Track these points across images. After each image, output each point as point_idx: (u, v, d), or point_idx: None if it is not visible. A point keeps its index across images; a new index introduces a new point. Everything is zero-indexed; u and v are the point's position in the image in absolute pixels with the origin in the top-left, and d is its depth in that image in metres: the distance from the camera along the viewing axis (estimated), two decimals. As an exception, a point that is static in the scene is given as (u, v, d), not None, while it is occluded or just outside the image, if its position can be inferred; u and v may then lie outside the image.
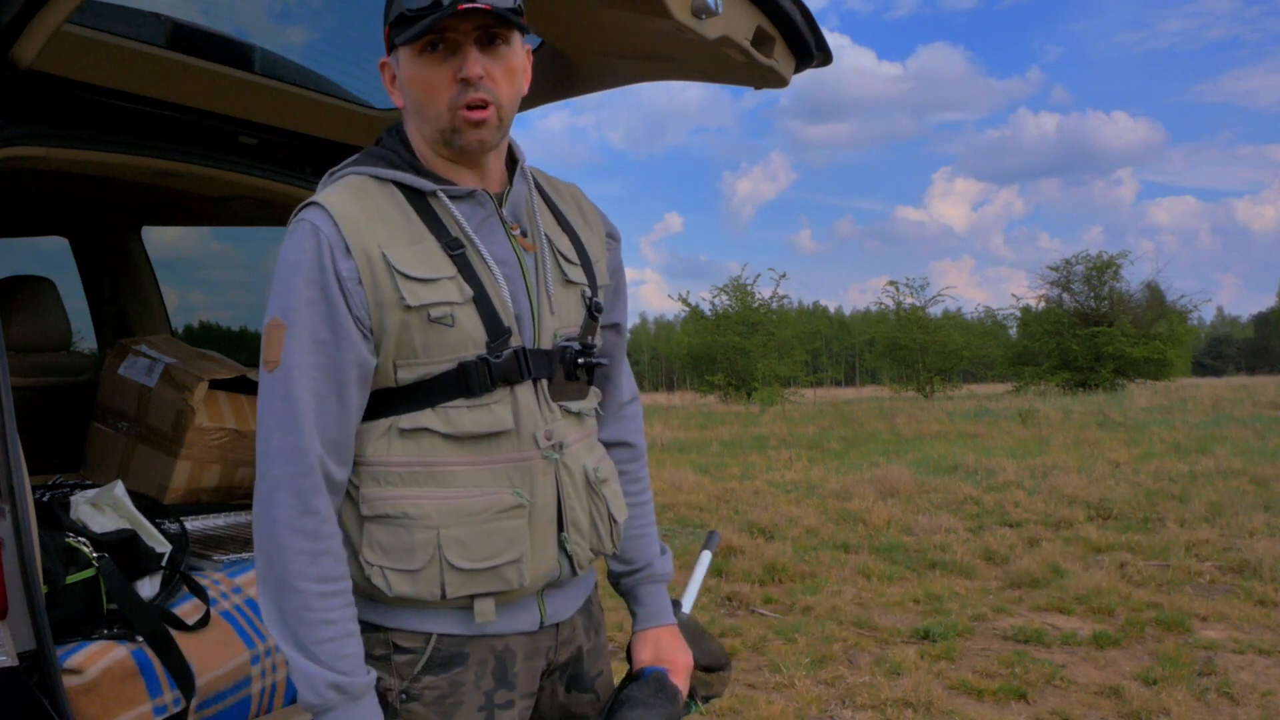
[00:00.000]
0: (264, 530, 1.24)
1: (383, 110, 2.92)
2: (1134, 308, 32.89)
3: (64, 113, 2.36)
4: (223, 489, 3.22)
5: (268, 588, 1.25)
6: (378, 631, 1.33)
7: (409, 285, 1.29)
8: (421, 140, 1.39)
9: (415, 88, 1.35)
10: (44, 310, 3.49)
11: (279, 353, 1.26)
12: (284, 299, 1.28)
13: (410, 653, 1.33)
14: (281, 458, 1.24)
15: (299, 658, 1.23)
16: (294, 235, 1.31)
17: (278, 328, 1.27)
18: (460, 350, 1.32)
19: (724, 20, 1.91)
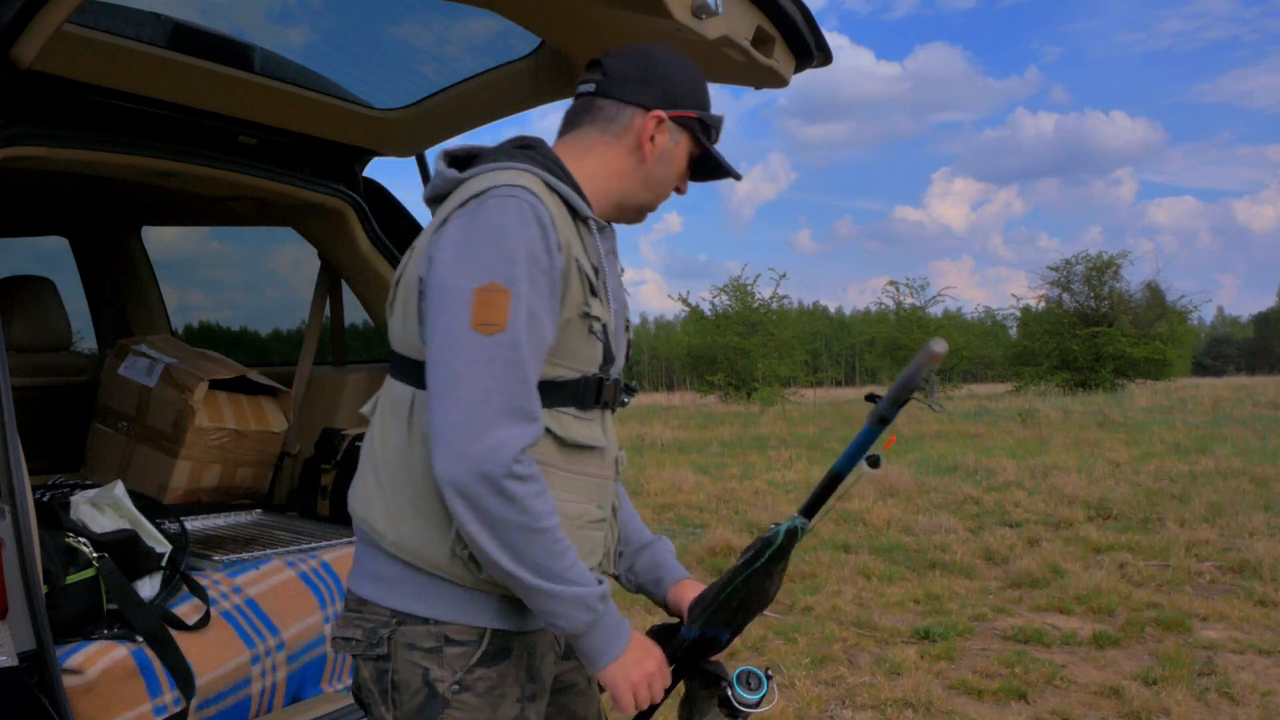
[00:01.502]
0: (487, 488, 1.25)
1: (383, 110, 2.93)
2: (1134, 308, 32.89)
3: (64, 113, 2.36)
4: (223, 489, 3.22)
5: (503, 538, 1.27)
6: (426, 624, 1.37)
7: (585, 287, 1.38)
8: (604, 179, 1.50)
9: (667, 168, 1.52)
10: (44, 310, 3.49)
11: (503, 316, 1.28)
12: (506, 266, 1.29)
13: (462, 645, 1.37)
14: (504, 419, 1.27)
15: (560, 587, 1.30)
16: (510, 209, 1.32)
17: (499, 292, 1.28)
18: (587, 365, 1.42)
19: (724, 20, 1.91)
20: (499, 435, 1.26)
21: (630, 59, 1.53)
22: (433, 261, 1.33)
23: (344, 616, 1.46)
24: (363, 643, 1.41)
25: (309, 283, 3.56)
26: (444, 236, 1.34)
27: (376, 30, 2.72)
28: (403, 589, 1.38)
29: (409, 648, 1.36)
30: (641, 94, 1.49)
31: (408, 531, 1.36)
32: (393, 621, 1.38)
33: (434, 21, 2.62)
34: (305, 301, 3.58)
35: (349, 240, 3.14)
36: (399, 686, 1.38)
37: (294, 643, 2.31)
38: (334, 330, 3.56)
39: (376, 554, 1.41)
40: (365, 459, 1.44)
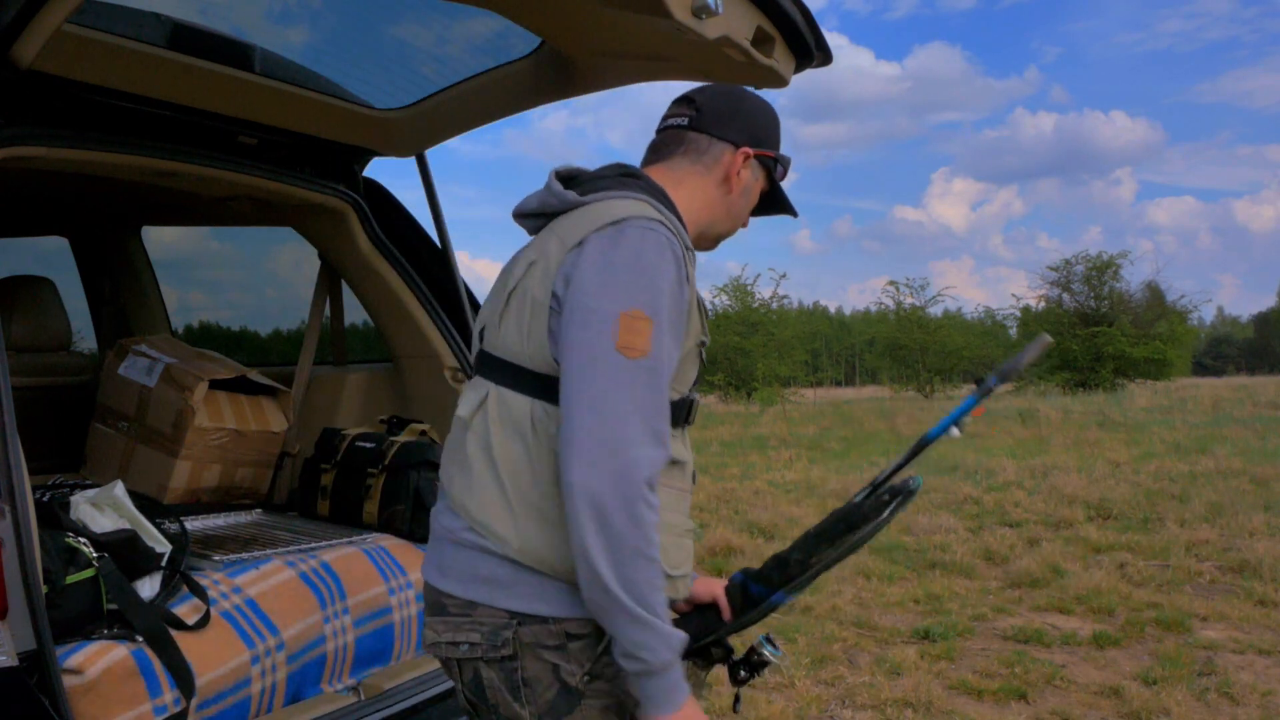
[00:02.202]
0: (619, 503, 1.31)
1: (383, 110, 2.93)
2: (1134, 308, 32.87)
3: (64, 113, 2.36)
4: (223, 489, 3.22)
5: (617, 557, 1.32)
6: (546, 623, 1.43)
7: (700, 314, 1.51)
8: (696, 209, 1.62)
9: (747, 202, 1.68)
10: (44, 310, 3.49)
11: (647, 342, 1.36)
12: (650, 295, 1.38)
13: (583, 639, 1.43)
14: (643, 439, 1.33)
15: (655, 621, 1.34)
16: (650, 241, 1.42)
17: (644, 320, 1.37)
18: (687, 386, 1.53)
19: (724, 20, 1.91)
20: (637, 454, 1.33)
21: (722, 97, 1.67)
22: (571, 282, 1.40)
23: (447, 621, 1.49)
24: (483, 645, 1.45)
25: (309, 283, 3.56)
26: (584, 259, 1.41)
27: (376, 30, 2.72)
28: (520, 591, 1.43)
29: (535, 646, 1.43)
30: (731, 131, 1.63)
31: (533, 538, 1.42)
32: (513, 623, 1.43)
33: (434, 21, 2.62)
34: (305, 301, 3.58)
35: (349, 240, 3.14)
36: (530, 683, 1.43)
37: (294, 643, 2.31)
38: (334, 330, 3.56)
39: (486, 558, 1.45)
40: (480, 464, 1.47)
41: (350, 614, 2.48)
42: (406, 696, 2.42)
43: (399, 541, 2.80)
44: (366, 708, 2.34)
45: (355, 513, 2.96)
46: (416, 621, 2.68)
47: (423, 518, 2.87)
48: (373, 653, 2.54)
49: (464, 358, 3.11)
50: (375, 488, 2.92)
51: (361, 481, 2.96)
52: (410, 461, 2.88)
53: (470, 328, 3.15)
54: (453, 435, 1.57)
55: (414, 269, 3.18)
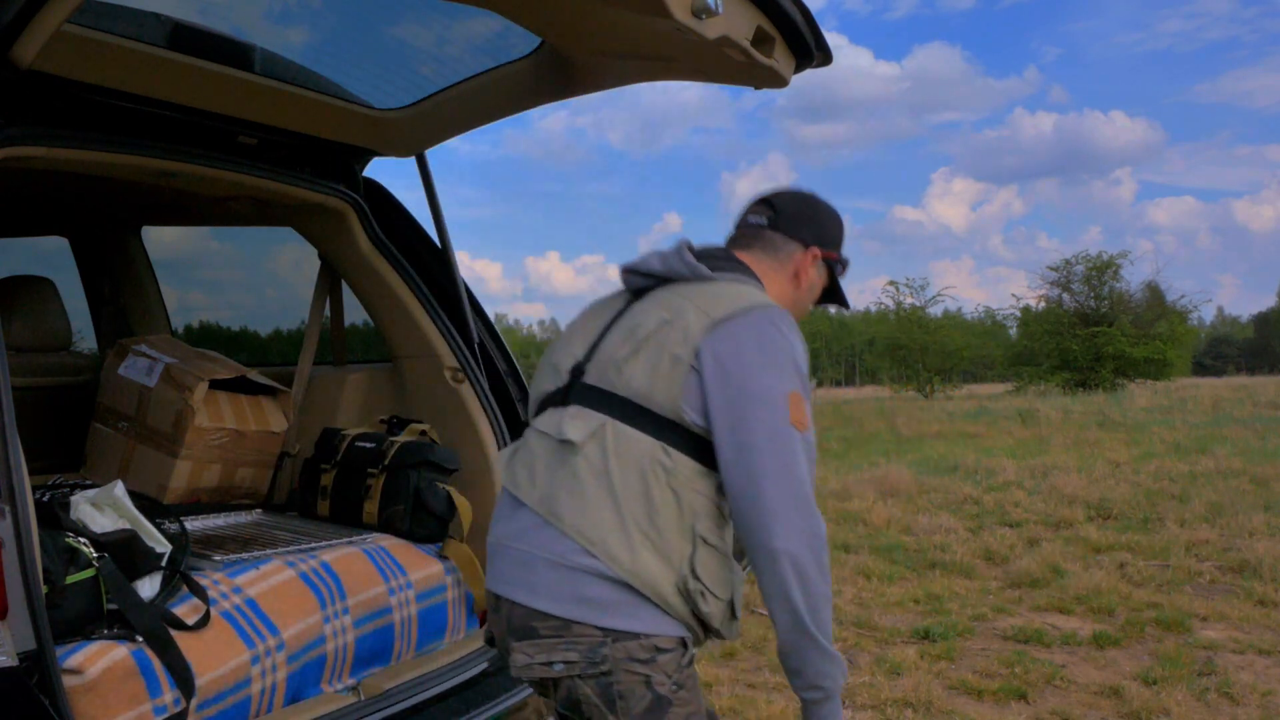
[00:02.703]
0: (814, 560, 1.58)
1: (383, 110, 2.93)
2: (1134, 308, 32.86)
3: (64, 113, 2.36)
4: (223, 489, 3.22)
5: (812, 604, 1.58)
6: (637, 639, 1.58)
7: None
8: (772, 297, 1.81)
9: (811, 296, 1.93)
10: (44, 310, 3.49)
11: (806, 420, 1.63)
12: (801, 378, 1.65)
13: (670, 652, 1.60)
14: (812, 500, 1.61)
15: (835, 652, 1.62)
16: (793, 332, 1.70)
17: (801, 400, 1.63)
18: None
19: (724, 20, 1.91)
20: (818, 516, 1.60)
21: (797, 202, 1.91)
22: (729, 360, 1.61)
23: (539, 643, 1.61)
24: (581, 663, 1.59)
25: (309, 283, 3.56)
26: (742, 342, 1.63)
27: (376, 30, 2.72)
28: (619, 611, 1.58)
29: (627, 660, 1.57)
30: (804, 232, 1.87)
31: (647, 565, 1.58)
32: (608, 640, 1.58)
33: (434, 21, 2.62)
34: (305, 301, 3.58)
35: (349, 240, 3.14)
36: (624, 695, 1.58)
37: (294, 643, 2.31)
38: (334, 330, 3.56)
39: (593, 580, 1.58)
40: (596, 492, 1.61)
41: (350, 614, 2.48)
42: (406, 696, 2.42)
43: (399, 541, 2.80)
44: (366, 708, 2.34)
45: (355, 513, 2.96)
46: (417, 621, 2.68)
47: (423, 517, 2.87)
48: (373, 653, 2.54)
49: (464, 358, 3.10)
50: (375, 488, 2.92)
51: (361, 481, 2.96)
52: (410, 461, 2.88)
53: (470, 328, 3.15)
54: (555, 457, 1.68)
55: (414, 269, 3.18)
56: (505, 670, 2.64)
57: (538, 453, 1.72)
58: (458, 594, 2.83)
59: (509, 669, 1.67)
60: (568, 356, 1.79)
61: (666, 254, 1.79)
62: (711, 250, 1.85)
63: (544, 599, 1.61)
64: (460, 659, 2.64)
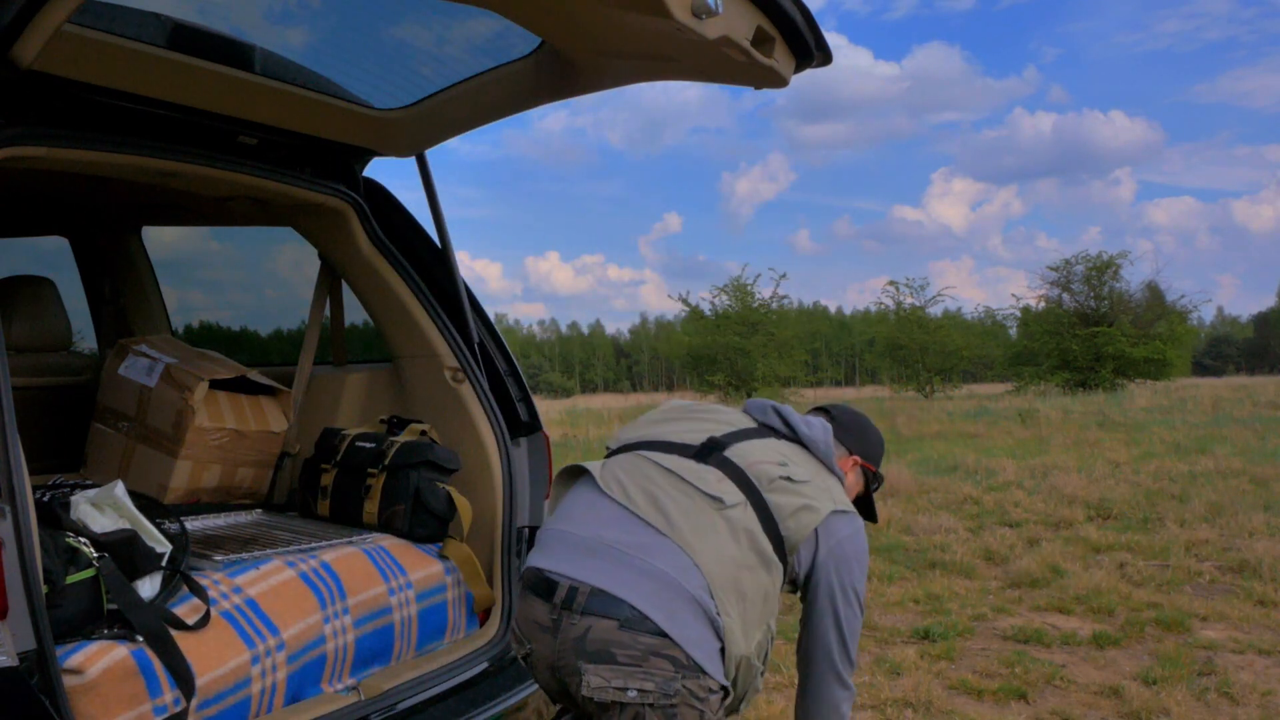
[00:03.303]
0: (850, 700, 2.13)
1: (383, 110, 2.93)
2: (1134, 308, 32.85)
3: (64, 113, 2.36)
4: (223, 489, 3.22)
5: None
6: (699, 678, 1.80)
7: None
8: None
9: None
10: (44, 310, 3.49)
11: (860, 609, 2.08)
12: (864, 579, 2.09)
13: (718, 694, 1.85)
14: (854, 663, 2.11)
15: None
16: (864, 534, 2.09)
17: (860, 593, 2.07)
18: None
19: (724, 20, 1.91)
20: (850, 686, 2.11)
21: (851, 415, 2.30)
22: (841, 539, 2.01)
23: (616, 669, 1.79)
24: (655, 693, 1.78)
25: (309, 283, 3.56)
26: (843, 534, 2.02)
27: (376, 30, 2.72)
28: (702, 648, 1.81)
29: (691, 695, 1.79)
30: (850, 441, 2.26)
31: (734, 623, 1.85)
32: (678, 675, 1.78)
33: (434, 21, 2.62)
34: (305, 301, 3.58)
35: (349, 240, 3.14)
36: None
37: (294, 643, 2.31)
38: (334, 330, 3.56)
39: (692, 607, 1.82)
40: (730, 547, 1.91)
41: (350, 614, 2.48)
42: (406, 696, 2.42)
43: (399, 541, 2.80)
44: (366, 708, 2.34)
45: (355, 513, 2.96)
46: (417, 621, 2.68)
47: (423, 518, 2.87)
48: (373, 653, 2.54)
49: (464, 358, 3.10)
50: (375, 488, 2.92)
51: (361, 481, 2.96)
52: (410, 461, 2.88)
53: (470, 328, 3.14)
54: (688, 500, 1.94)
55: (414, 269, 3.18)
56: (505, 670, 2.66)
57: (660, 483, 1.98)
58: (458, 594, 2.82)
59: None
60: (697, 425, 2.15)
61: (812, 423, 2.17)
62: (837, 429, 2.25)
63: (650, 607, 1.80)
64: (460, 659, 2.64)
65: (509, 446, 3.00)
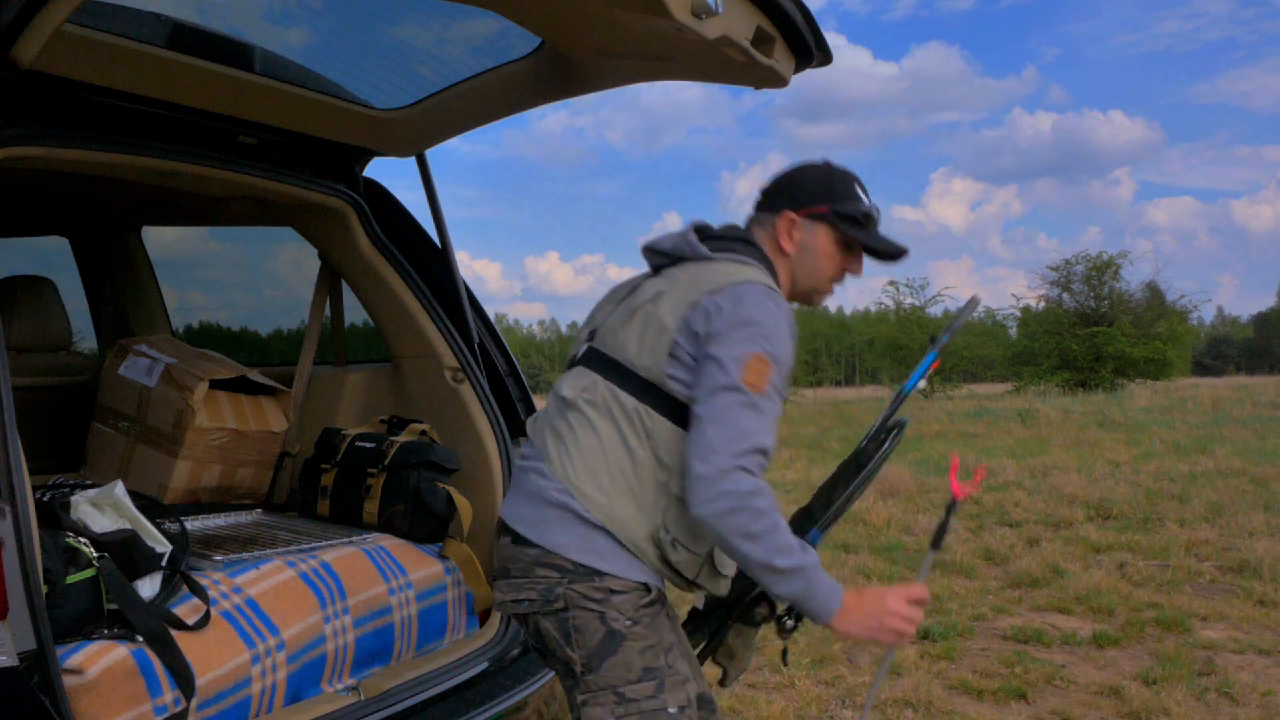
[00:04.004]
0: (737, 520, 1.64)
1: (383, 110, 2.93)
2: (1134, 308, 32.84)
3: (64, 113, 2.36)
4: (223, 489, 3.22)
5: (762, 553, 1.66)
6: (593, 579, 1.75)
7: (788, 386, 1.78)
8: (785, 277, 1.93)
9: (822, 260, 1.91)
10: (44, 310, 3.48)
11: (766, 382, 1.69)
12: (772, 345, 1.71)
13: (625, 594, 1.75)
14: (756, 453, 1.67)
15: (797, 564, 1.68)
16: (772, 301, 1.76)
17: (766, 363, 1.70)
18: None
19: (724, 20, 1.91)
20: (744, 477, 1.66)
21: (778, 176, 1.97)
22: (695, 326, 1.73)
23: (510, 582, 1.81)
24: (539, 601, 1.77)
25: (309, 283, 3.56)
26: (721, 312, 1.72)
27: (376, 30, 2.72)
28: (586, 547, 1.75)
29: (582, 598, 1.74)
30: (779, 201, 1.91)
31: (621, 510, 1.74)
32: (563, 580, 1.75)
33: (434, 21, 2.62)
34: (305, 301, 3.58)
35: (349, 240, 3.14)
36: (580, 629, 1.75)
37: (294, 643, 2.31)
38: (334, 330, 3.56)
39: (568, 517, 1.76)
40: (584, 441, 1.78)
41: (350, 614, 2.48)
42: (406, 696, 2.42)
43: (399, 541, 2.80)
44: (366, 708, 2.34)
45: (355, 513, 2.96)
46: (417, 621, 2.68)
47: (423, 518, 2.87)
48: (373, 653, 2.54)
49: (464, 358, 3.10)
50: (375, 488, 2.92)
51: (361, 481, 2.96)
52: (410, 461, 2.88)
53: (470, 328, 3.15)
54: (550, 410, 1.88)
55: (414, 269, 3.18)
56: (506, 670, 2.66)
57: (550, 409, 1.91)
58: (458, 594, 2.82)
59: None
60: (589, 325, 1.97)
61: (675, 235, 1.92)
62: (723, 231, 1.93)
63: (523, 525, 1.80)
64: (460, 659, 2.64)
65: (509, 446, 3.00)
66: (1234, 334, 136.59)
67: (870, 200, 1.92)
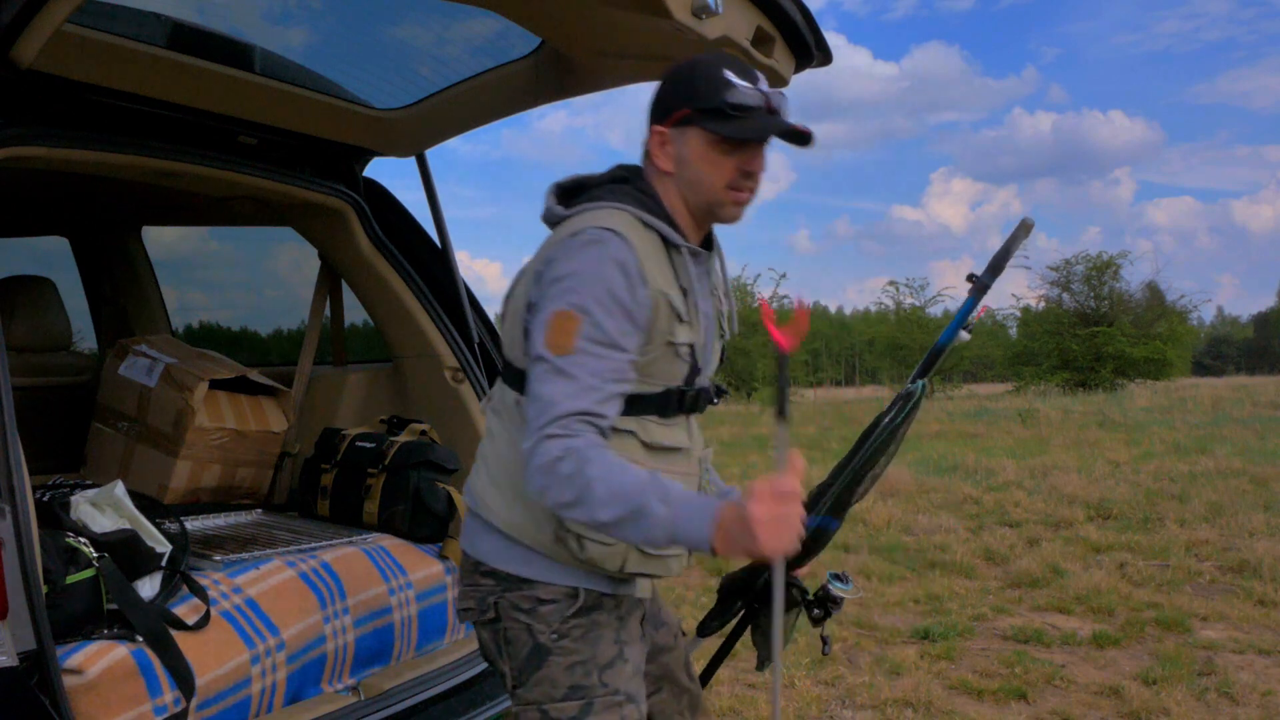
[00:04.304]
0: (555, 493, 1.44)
1: (383, 110, 2.93)
2: (1134, 308, 32.83)
3: (64, 113, 2.36)
4: (223, 489, 3.22)
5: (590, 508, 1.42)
6: (522, 588, 1.65)
7: (671, 320, 1.57)
8: (678, 201, 1.64)
9: (703, 167, 1.59)
10: (44, 310, 3.49)
11: (574, 339, 1.47)
12: (580, 296, 1.48)
13: (553, 603, 1.64)
14: (564, 418, 1.45)
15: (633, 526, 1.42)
16: (592, 246, 1.51)
17: (572, 318, 1.48)
18: (671, 380, 1.63)
19: (724, 20, 1.91)
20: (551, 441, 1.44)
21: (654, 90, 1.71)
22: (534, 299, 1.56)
23: (460, 591, 1.77)
24: (476, 610, 1.70)
25: (309, 283, 3.56)
26: (540, 276, 1.55)
27: (376, 30, 2.72)
28: (508, 558, 1.66)
29: (512, 609, 1.65)
30: (651, 117, 1.65)
31: (519, 515, 1.64)
32: (499, 589, 1.67)
33: (434, 22, 2.62)
34: (305, 301, 3.58)
35: (349, 240, 3.14)
36: (510, 641, 1.67)
37: (294, 643, 2.31)
38: (334, 330, 3.56)
39: (482, 528, 1.70)
40: (484, 447, 1.72)
41: (350, 614, 2.48)
42: (406, 696, 2.42)
43: (399, 541, 2.80)
44: (366, 708, 2.34)
45: (355, 513, 2.96)
46: (417, 621, 2.68)
47: (423, 518, 2.87)
48: (373, 653, 2.54)
49: (464, 358, 3.10)
50: (375, 488, 2.92)
51: (361, 481, 2.96)
52: (410, 461, 2.88)
53: (470, 328, 3.15)
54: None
55: (414, 269, 3.18)
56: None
57: None
58: (458, 594, 2.82)
59: None
60: None
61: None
62: (601, 176, 1.72)
63: (466, 541, 1.75)
64: (460, 659, 2.64)
65: (509, 446, 3.00)
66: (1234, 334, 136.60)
67: (745, 82, 1.56)
